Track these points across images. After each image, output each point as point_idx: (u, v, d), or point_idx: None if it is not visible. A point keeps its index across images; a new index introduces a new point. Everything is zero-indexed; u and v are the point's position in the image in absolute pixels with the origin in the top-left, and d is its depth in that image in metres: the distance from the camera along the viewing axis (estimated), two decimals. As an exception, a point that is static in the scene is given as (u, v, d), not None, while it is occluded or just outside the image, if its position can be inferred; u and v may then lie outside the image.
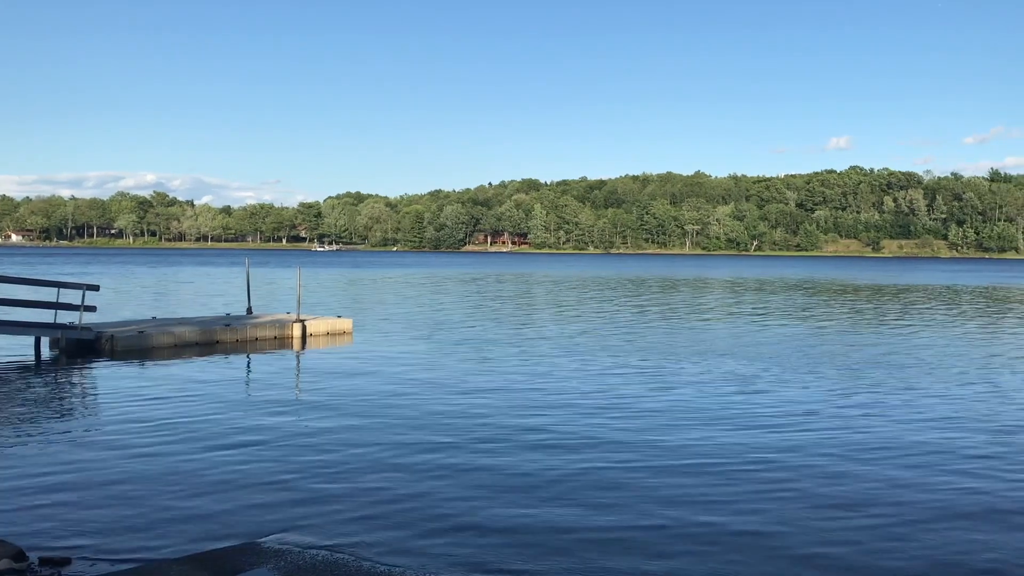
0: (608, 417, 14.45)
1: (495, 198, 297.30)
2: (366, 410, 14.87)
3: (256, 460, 11.39)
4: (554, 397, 16.32)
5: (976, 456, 12.06)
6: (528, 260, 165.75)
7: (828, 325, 32.71)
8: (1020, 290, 63.57)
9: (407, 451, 11.91)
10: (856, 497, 10.05)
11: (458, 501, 9.69)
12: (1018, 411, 15.43)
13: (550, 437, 12.90)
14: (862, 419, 14.52)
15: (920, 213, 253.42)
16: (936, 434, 13.41)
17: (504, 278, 78.03)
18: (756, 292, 56.64)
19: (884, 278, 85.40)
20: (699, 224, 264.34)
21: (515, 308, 40.67)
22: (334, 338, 26.40)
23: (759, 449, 12.29)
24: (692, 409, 15.28)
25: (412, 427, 13.49)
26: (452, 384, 17.69)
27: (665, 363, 21.19)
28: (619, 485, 10.42)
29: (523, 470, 11.04)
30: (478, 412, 14.76)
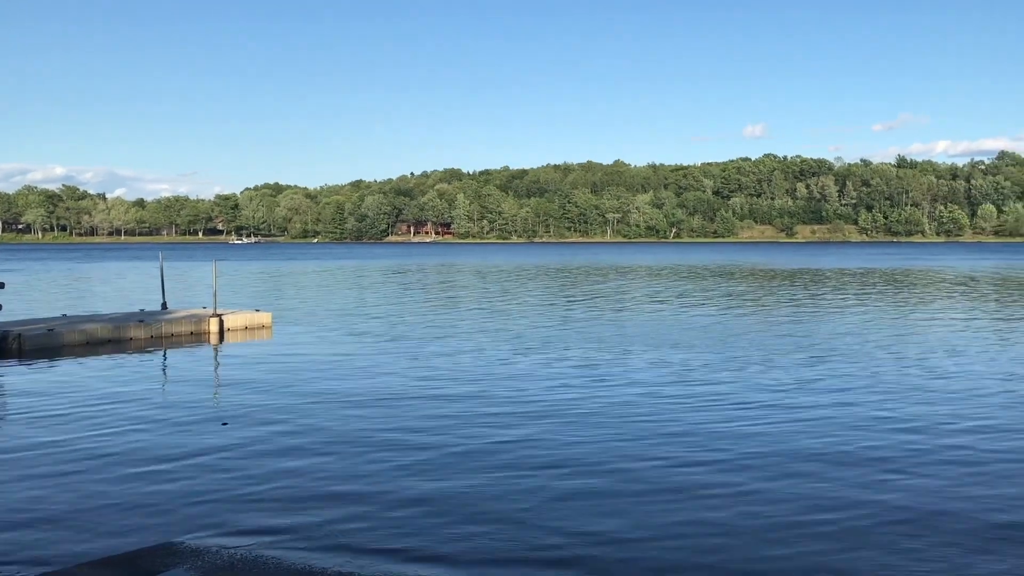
0: (524, 403, 14.60)
1: (417, 188, 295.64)
2: (285, 405, 14.71)
3: (171, 459, 11.17)
4: (473, 386, 16.39)
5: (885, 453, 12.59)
6: (452, 250, 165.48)
7: (756, 310, 33.55)
8: (925, 272, 66.14)
9: (327, 446, 11.84)
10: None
11: (379, 495, 9.69)
12: (938, 382, 16.12)
13: (472, 424, 12.98)
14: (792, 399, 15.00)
15: (831, 199, 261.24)
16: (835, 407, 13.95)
17: (427, 268, 77.78)
18: (689, 279, 57.67)
19: (800, 262, 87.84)
20: (620, 212, 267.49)
21: (438, 299, 40.63)
22: (253, 332, 25.99)
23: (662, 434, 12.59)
24: (619, 399, 15.54)
25: (332, 422, 13.40)
26: (373, 377, 17.62)
27: (590, 352, 21.44)
28: (532, 467, 10.57)
29: (442, 459, 11.09)
30: (399, 404, 14.74)
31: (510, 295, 42.35)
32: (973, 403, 14.69)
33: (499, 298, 40.36)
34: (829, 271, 68.73)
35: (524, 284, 52.02)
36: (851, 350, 21.39)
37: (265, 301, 37.29)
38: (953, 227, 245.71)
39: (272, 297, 41.08)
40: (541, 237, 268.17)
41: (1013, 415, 13.77)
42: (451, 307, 35.57)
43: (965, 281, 53.65)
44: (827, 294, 42.30)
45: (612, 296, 41.34)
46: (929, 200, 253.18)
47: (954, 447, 11.76)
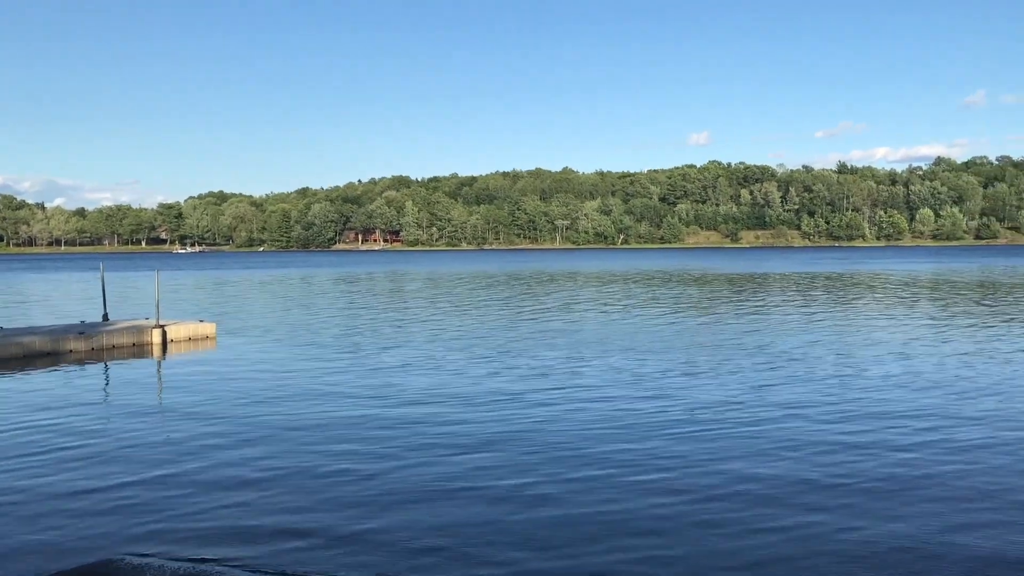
0: (478, 411, 14.63)
1: (365, 195, 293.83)
2: (228, 417, 14.54)
3: (111, 475, 10.99)
4: (425, 400, 16.37)
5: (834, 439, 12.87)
6: (401, 258, 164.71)
7: (707, 315, 33.98)
8: (868, 276, 67.54)
9: (271, 462, 11.73)
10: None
11: (322, 513, 9.65)
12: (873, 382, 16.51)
13: (415, 436, 12.96)
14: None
15: (775, 205, 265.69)
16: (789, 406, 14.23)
17: (377, 277, 77.33)
18: (639, 285, 58.14)
19: (746, 268, 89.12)
20: (569, 219, 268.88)
21: (388, 308, 40.42)
22: (196, 343, 25.62)
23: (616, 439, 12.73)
24: (566, 400, 15.63)
25: (277, 433, 13.29)
26: (318, 388, 17.48)
27: (545, 361, 21.54)
28: (472, 477, 10.61)
29: (385, 474, 11.07)
30: (343, 416, 14.66)
31: (462, 303, 42.32)
32: (913, 401, 15.09)
33: (452, 306, 40.30)
34: (775, 276, 69.89)
35: (476, 292, 52.03)
36: (802, 355, 21.78)
37: (209, 311, 36.75)
38: (893, 231, 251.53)
39: (217, 307, 40.49)
40: (491, 244, 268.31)
41: (960, 415, 14.16)
42: (402, 316, 35.42)
43: (907, 284, 54.96)
44: (775, 299, 43.02)
45: (565, 303, 41.55)
46: (869, 205, 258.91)
47: (904, 459, 12.06)
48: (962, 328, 27.72)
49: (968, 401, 15.33)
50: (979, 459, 11.42)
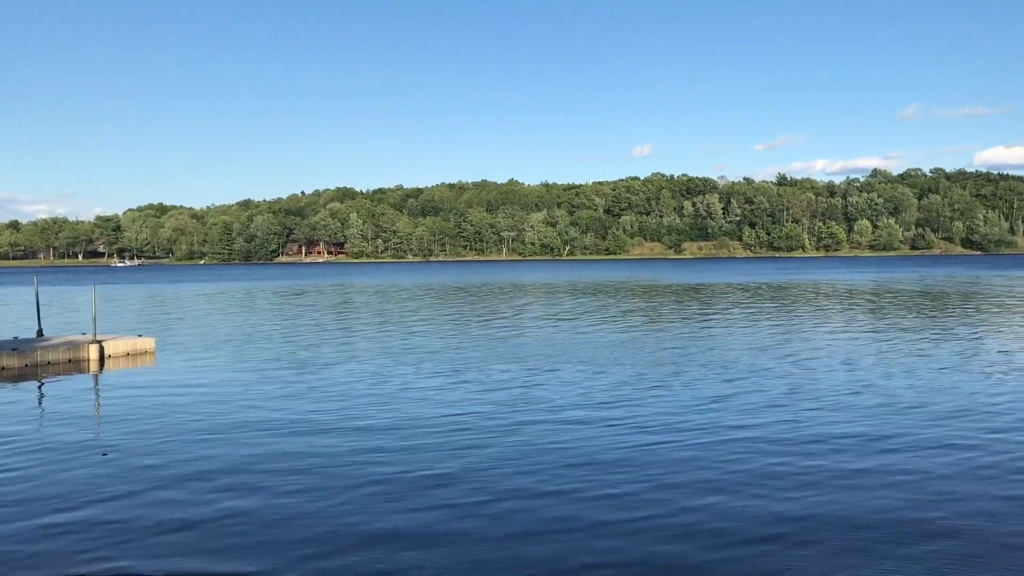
0: (425, 434, 14.55)
1: (309, 207, 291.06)
2: (168, 436, 14.23)
3: (48, 496, 10.67)
4: (369, 417, 16.23)
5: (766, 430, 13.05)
6: (346, 270, 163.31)
7: (654, 326, 34.24)
8: (808, 285, 68.86)
9: (210, 478, 11.52)
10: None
11: (263, 527, 9.49)
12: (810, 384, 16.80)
13: (363, 467, 12.83)
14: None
15: (717, 216, 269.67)
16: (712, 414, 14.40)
17: (321, 289, 76.54)
18: (586, 296, 58.42)
19: (690, 278, 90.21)
20: (514, 231, 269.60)
21: (331, 321, 40.02)
22: (135, 359, 25.06)
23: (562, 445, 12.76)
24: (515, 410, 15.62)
25: (217, 453, 13.04)
26: (259, 403, 17.22)
27: (493, 374, 21.50)
28: (425, 488, 10.55)
29: (329, 511, 10.93)
30: (284, 430, 14.47)
31: (409, 315, 42.09)
32: (857, 412, 15.39)
33: (399, 320, 40.06)
34: (720, 286, 70.88)
35: (423, 304, 51.80)
36: (748, 363, 22.08)
37: (149, 326, 36.01)
38: (831, 242, 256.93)
39: (157, 322, 39.68)
40: (437, 256, 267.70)
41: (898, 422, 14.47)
42: (348, 330, 35.08)
43: (848, 294, 56.14)
44: (720, 309, 43.60)
45: (512, 314, 41.58)
46: (809, 216, 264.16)
47: (845, 456, 12.27)
48: (901, 336, 28.39)
49: (912, 410, 15.69)
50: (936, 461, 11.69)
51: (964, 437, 13.32)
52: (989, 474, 11.25)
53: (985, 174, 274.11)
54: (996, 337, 27.97)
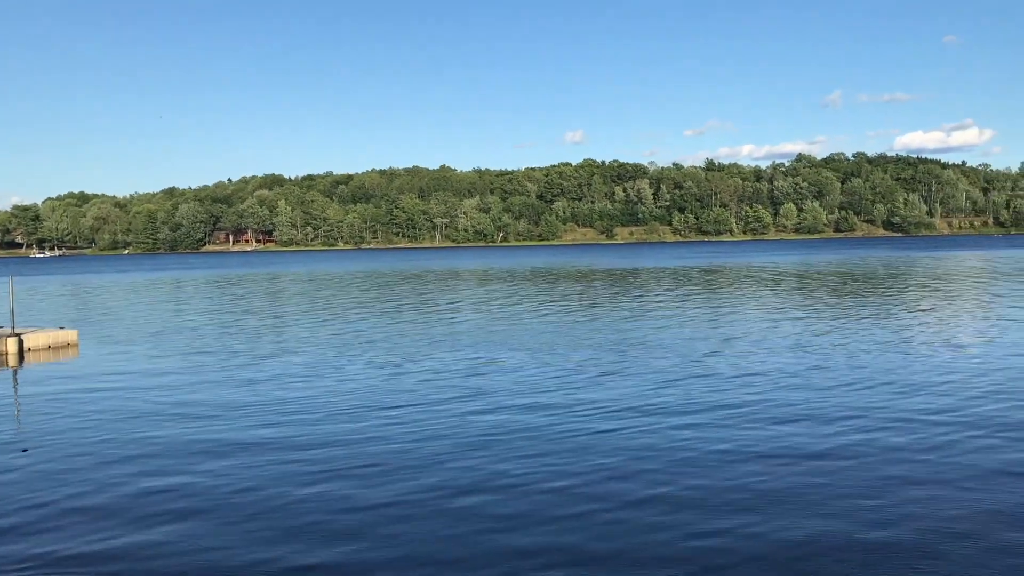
0: (361, 423, 14.40)
1: (236, 195, 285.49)
2: (90, 430, 13.82)
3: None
4: (298, 407, 16.00)
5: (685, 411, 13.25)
6: (275, 258, 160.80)
7: (589, 310, 34.44)
8: (737, 268, 70.18)
9: (134, 470, 11.25)
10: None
11: (191, 519, 9.29)
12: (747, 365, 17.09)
13: (286, 440, 12.65)
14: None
15: (647, 201, 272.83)
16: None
17: (250, 279, 75.22)
18: (524, 282, 58.48)
19: (623, 263, 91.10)
20: (447, 217, 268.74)
21: (260, 311, 39.36)
22: (57, 352, 24.28)
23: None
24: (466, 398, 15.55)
25: (141, 447, 12.71)
26: (187, 396, 16.84)
27: (423, 358, 21.38)
28: (335, 478, 10.45)
29: (255, 483, 10.76)
30: (213, 423, 14.17)
31: (343, 304, 41.61)
32: (780, 387, 15.72)
33: (329, 308, 39.58)
34: (652, 270, 71.75)
35: (357, 292, 51.27)
36: (687, 348, 22.36)
37: (71, 318, 34.92)
38: (758, 226, 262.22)
39: (79, 314, 38.50)
40: (369, 243, 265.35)
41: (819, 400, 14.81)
42: (277, 320, 34.54)
43: (777, 276, 57.35)
44: (657, 293, 44.11)
45: (449, 302, 41.44)
46: (736, 201, 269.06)
47: (771, 433, 12.51)
48: (838, 316, 29.11)
49: (842, 387, 16.09)
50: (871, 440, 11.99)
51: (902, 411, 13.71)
52: (904, 446, 11.60)
53: (905, 158, 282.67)
54: (929, 315, 28.88)
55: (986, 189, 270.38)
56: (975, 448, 11.45)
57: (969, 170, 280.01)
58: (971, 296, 37.26)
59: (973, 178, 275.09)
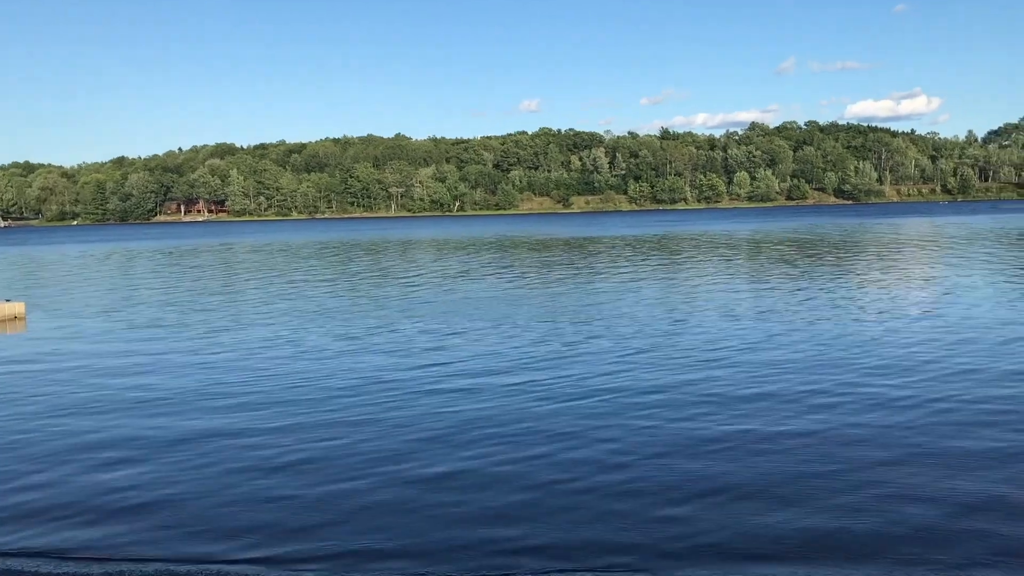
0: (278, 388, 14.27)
1: (187, 164, 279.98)
2: (38, 404, 13.52)
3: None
4: (254, 377, 15.82)
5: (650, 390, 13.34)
6: (227, 229, 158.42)
7: (548, 279, 34.45)
8: (689, 236, 70.69)
9: (82, 447, 11.05)
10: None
11: (141, 499, 9.14)
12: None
13: (238, 412, 12.51)
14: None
15: (603, 170, 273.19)
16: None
17: (205, 249, 74.06)
18: (483, 251, 58.27)
19: (580, 232, 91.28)
20: (403, 187, 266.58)
21: (216, 282, 38.78)
22: (3, 325, 23.69)
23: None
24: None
25: (89, 419, 12.47)
26: (139, 371, 16.54)
27: (381, 330, 21.23)
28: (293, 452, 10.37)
29: (209, 450, 10.63)
30: (163, 399, 13.94)
31: (299, 274, 41.14)
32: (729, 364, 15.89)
33: (287, 278, 39.11)
34: (609, 239, 72.02)
35: (312, 262, 50.72)
36: (647, 320, 22.47)
37: (18, 290, 34.08)
38: (712, 194, 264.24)
39: (27, 286, 37.61)
40: (323, 213, 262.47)
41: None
42: (229, 291, 34.05)
43: (731, 245, 57.88)
44: (613, 262, 44.27)
45: (406, 272, 41.19)
46: (690, 169, 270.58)
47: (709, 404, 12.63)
48: (798, 285, 29.47)
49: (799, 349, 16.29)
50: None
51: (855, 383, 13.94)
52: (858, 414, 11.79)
53: (856, 126, 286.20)
54: (884, 282, 29.35)
55: (934, 157, 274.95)
56: (932, 414, 11.68)
57: (918, 138, 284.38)
58: (923, 263, 37.95)
59: (922, 146, 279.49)
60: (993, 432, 10.63)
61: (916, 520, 7.86)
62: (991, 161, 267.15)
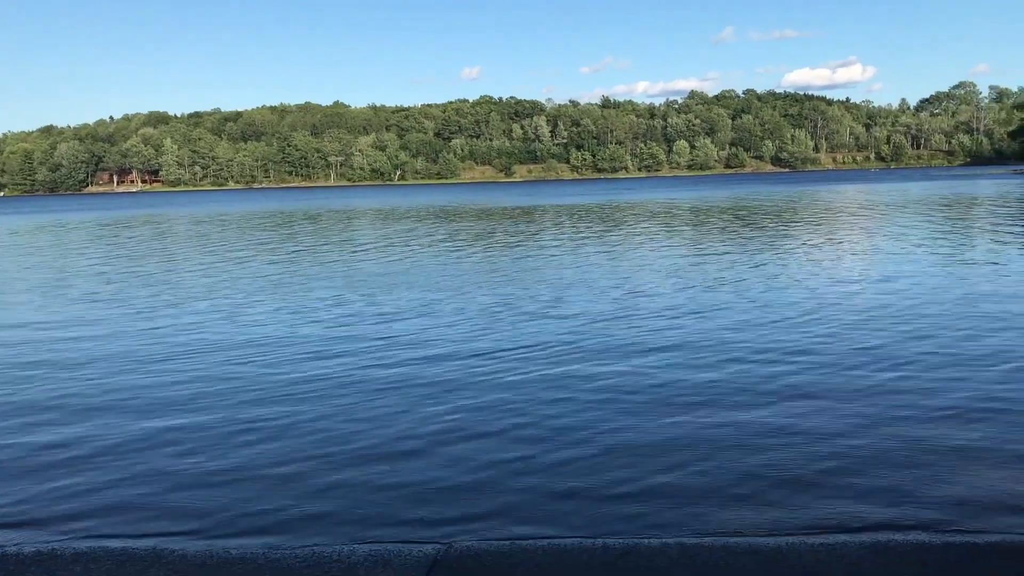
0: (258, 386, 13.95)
1: (118, 133, 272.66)
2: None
3: None
4: (190, 353, 15.40)
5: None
6: (162, 199, 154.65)
7: (488, 249, 34.25)
8: (632, 205, 71.07)
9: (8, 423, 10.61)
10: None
11: (69, 469, 8.81)
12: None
13: (167, 399, 12.16)
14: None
15: (545, 139, 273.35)
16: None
17: (145, 220, 72.20)
18: (424, 220, 57.71)
19: (524, 201, 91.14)
20: (342, 155, 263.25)
21: (153, 255, 37.79)
22: (-72, 303, 22.72)
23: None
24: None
25: (11, 411, 12.01)
26: (57, 349, 15.98)
27: (327, 302, 20.88)
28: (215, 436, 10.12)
29: (133, 433, 10.30)
30: (85, 378, 13.47)
31: (238, 245, 40.28)
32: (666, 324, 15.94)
33: (227, 249, 38.28)
34: (552, 207, 72.06)
35: (251, 232, 49.72)
36: (594, 284, 22.45)
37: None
38: (653, 163, 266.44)
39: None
40: (261, 183, 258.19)
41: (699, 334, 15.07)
42: (172, 262, 33.19)
43: (674, 213, 58.32)
44: (558, 230, 44.23)
45: (345, 241, 40.62)
46: (631, 138, 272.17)
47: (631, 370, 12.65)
48: (728, 249, 29.74)
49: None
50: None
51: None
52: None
53: (793, 95, 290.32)
54: (823, 248, 29.79)
55: (868, 125, 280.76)
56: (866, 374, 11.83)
57: (853, 106, 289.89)
58: (859, 227, 38.65)
59: (856, 114, 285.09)
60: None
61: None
62: (923, 129, 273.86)
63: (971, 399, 10.52)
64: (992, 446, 8.83)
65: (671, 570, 6.00)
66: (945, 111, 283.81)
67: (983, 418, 9.79)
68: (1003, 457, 8.51)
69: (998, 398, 10.54)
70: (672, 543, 6.49)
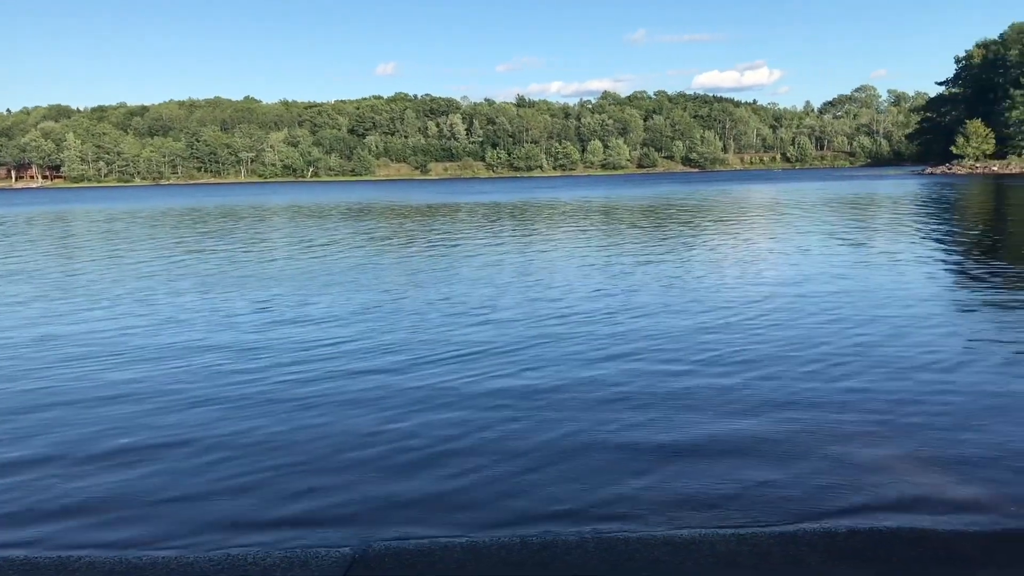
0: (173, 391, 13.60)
1: (16, 127, 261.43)
2: None
3: None
4: (95, 359, 14.93)
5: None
6: (64, 196, 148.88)
7: (402, 247, 34.00)
8: (547, 203, 71.61)
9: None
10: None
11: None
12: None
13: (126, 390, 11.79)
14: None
15: (460, 137, 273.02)
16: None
17: (37, 218, 69.36)
18: (335, 219, 56.90)
19: (439, 199, 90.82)
20: (253, 152, 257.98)
21: (49, 254, 36.41)
22: None
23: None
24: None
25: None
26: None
27: (233, 303, 20.45)
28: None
29: (97, 430, 9.98)
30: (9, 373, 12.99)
31: (143, 243, 39.09)
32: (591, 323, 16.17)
33: (129, 247, 37.13)
34: (468, 205, 72.02)
35: (157, 230, 48.31)
36: (491, 279, 22.52)
37: None
38: (567, 162, 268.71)
39: None
40: (168, 179, 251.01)
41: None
42: (69, 261, 32.02)
43: (587, 211, 58.97)
44: (475, 228, 44.23)
45: (257, 239, 39.83)
46: (546, 137, 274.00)
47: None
48: (642, 248, 30.24)
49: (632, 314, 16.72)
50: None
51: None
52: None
53: (702, 96, 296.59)
54: (737, 245, 30.53)
55: (774, 127, 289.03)
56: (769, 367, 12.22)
57: (760, 108, 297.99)
58: (766, 226, 39.79)
59: (763, 116, 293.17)
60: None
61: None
62: (826, 131, 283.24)
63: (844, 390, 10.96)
64: (874, 430, 9.22)
65: (588, 563, 6.11)
66: (847, 114, 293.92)
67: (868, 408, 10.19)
68: (883, 442, 8.89)
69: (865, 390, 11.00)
70: (589, 536, 6.60)
